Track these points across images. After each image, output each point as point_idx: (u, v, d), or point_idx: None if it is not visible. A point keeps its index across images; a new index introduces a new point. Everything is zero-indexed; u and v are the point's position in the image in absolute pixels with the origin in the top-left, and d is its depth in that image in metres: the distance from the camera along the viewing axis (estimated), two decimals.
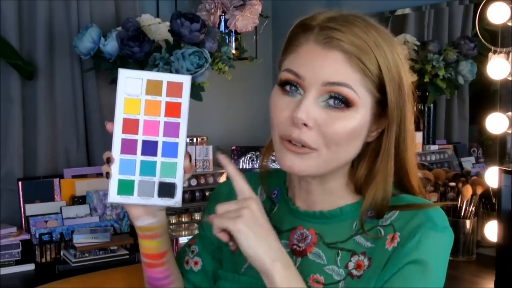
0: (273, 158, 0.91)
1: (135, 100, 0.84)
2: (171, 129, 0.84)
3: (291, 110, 0.81)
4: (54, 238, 1.69)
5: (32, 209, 1.76)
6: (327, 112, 0.80)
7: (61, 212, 1.76)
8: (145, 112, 0.84)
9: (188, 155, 0.85)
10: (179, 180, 0.84)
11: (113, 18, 2.00)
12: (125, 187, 0.84)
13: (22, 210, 1.76)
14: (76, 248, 1.61)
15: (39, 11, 1.86)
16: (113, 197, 0.84)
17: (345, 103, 0.80)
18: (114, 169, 0.83)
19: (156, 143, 0.84)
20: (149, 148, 0.84)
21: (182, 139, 0.84)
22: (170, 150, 0.84)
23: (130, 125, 0.83)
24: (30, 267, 1.64)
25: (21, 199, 1.77)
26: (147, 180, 0.84)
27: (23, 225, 1.75)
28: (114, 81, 1.83)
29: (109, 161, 0.83)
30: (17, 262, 1.64)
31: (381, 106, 0.83)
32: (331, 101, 0.80)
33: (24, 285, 1.56)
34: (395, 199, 0.86)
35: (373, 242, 0.85)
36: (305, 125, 0.80)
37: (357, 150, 0.85)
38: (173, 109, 0.84)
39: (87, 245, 1.62)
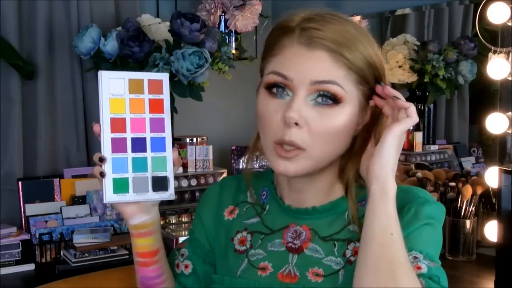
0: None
1: (120, 100, 0.85)
2: (157, 125, 0.87)
3: (282, 112, 0.82)
4: (54, 238, 1.69)
5: (32, 209, 1.76)
6: (317, 110, 0.82)
7: (61, 212, 1.76)
8: (130, 110, 0.86)
9: (176, 148, 0.88)
10: (170, 173, 0.87)
11: (113, 18, 2.00)
12: (120, 185, 0.84)
13: (22, 210, 1.76)
14: (76, 248, 1.61)
15: (39, 11, 1.86)
16: (110, 196, 0.84)
17: (334, 99, 0.82)
18: (107, 168, 0.84)
19: (144, 139, 0.86)
20: (139, 144, 0.86)
21: (168, 133, 0.87)
22: (158, 144, 0.86)
23: (118, 124, 0.85)
24: (30, 267, 1.64)
25: (21, 199, 1.77)
26: (140, 176, 0.85)
27: (23, 225, 1.75)
28: None
29: (102, 160, 0.84)
30: (17, 262, 1.64)
31: (366, 98, 0.86)
32: (320, 99, 0.82)
33: (24, 285, 1.56)
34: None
35: None
36: (296, 124, 0.81)
37: (346, 145, 0.87)
38: (156, 106, 0.87)
39: (87, 245, 1.62)
